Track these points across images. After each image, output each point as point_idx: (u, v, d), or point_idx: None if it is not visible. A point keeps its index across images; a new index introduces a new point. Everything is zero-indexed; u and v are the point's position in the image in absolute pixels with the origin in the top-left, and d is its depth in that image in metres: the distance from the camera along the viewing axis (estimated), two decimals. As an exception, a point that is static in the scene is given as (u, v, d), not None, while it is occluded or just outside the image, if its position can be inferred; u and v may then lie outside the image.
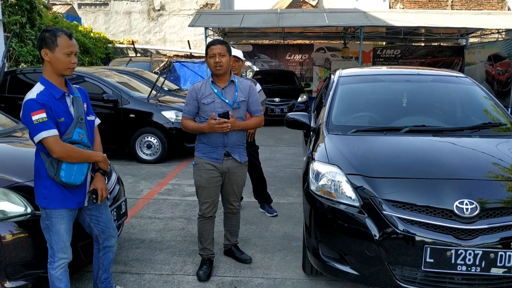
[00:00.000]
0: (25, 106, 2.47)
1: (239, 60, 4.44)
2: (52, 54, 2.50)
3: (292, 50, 16.33)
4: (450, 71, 4.96)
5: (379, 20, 12.65)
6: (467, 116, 4.01)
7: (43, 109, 2.44)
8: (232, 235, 3.77)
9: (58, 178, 2.54)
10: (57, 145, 2.48)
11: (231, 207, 3.62)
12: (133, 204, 5.14)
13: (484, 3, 19.64)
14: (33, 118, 2.42)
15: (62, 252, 2.66)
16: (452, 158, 3.05)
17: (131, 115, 7.28)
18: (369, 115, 3.98)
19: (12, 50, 9.64)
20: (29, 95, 2.50)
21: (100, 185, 2.72)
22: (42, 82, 2.55)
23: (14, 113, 5.26)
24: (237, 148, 3.42)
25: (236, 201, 3.61)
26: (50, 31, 2.54)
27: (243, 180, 3.58)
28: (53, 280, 2.67)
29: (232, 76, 3.40)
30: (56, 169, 2.53)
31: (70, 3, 18.62)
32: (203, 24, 12.89)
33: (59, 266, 2.66)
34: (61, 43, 2.50)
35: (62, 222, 2.62)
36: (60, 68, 2.54)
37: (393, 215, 2.69)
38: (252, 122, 3.50)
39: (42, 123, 2.43)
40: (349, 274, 2.84)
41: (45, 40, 2.50)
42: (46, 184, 2.58)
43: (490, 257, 2.57)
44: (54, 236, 2.62)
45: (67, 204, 2.62)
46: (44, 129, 2.45)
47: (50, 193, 2.57)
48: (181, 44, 18.59)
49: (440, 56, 15.92)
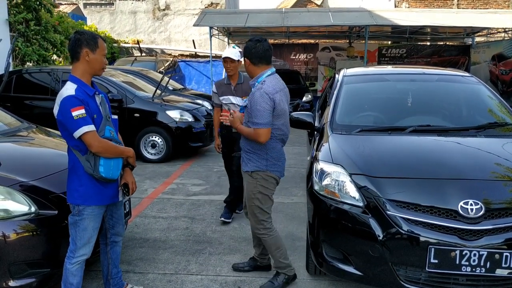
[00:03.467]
0: (64, 102, 2.50)
1: (234, 61, 4.40)
2: (93, 55, 2.61)
3: (297, 50, 16.29)
4: (455, 71, 4.93)
5: (384, 19, 12.59)
6: (473, 116, 3.98)
7: (82, 105, 2.51)
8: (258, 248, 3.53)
9: (98, 174, 2.59)
10: (96, 140, 2.55)
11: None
12: (137, 203, 5.15)
13: (491, 2, 19.49)
14: (73, 113, 2.48)
15: (84, 249, 2.70)
16: (457, 158, 3.03)
17: (136, 115, 7.30)
18: (374, 115, 3.96)
19: (18, 49, 9.68)
20: (65, 92, 2.54)
21: (131, 179, 2.87)
22: (75, 81, 2.60)
23: (19, 113, 5.30)
24: (245, 154, 3.22)
25: (250, 221, 3.32)
26: (87, 33, 2.64)
27: (247, 191, 3.21)
28: (67, 274, 2.70)
29: (253, 80, 3.17)
30: (93, 166, 2.59)
31: (75, 3, 18.69)
32: (208, 23, 12.89)
33: (77, 261, 2.71)
34: (101, 45, 2.64)
35: (92, 219, 2.68)
36: (97, 68, 2.66)
37: (397, 215, 2.68)
38: (244, 130, 3.11)
39: (81, 118, 2.50)
40: (353, 275, 2.83)
41: (87, 42, 2.59)
42: (83, 181, 2.62)
43: (495, 258, 2.54)
44: (80, 232, 2.66)
45: (102, 200, 2.70)
46: (84, 124, 2.50)
47: (87, 190, 2.62)
48: (186, 43, 18.62)
49: (446, 56, 15.83)
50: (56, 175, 3.14)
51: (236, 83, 4.56)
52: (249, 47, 3.12)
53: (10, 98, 7.56)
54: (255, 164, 3.13)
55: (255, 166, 3.13)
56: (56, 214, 2.89)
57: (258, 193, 3.15)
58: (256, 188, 3.14)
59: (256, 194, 3.15)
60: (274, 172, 3.17)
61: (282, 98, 3.11)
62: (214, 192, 5.75)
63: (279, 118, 3.10)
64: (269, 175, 3.14)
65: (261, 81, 3.06)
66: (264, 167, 3.12)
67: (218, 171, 6.79)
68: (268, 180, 3.15)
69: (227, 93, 4.56)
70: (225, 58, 4.40)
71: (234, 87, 4.55)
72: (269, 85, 3.04)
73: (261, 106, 2.97)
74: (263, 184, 3.14)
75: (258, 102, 2.98)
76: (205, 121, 7.74)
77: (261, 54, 3.09)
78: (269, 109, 2.99)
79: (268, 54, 3.12)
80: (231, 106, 4.51)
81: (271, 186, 3.19)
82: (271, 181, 3.17)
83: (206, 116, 7.98)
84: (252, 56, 3.10)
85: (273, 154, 3.14)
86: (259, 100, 2.98)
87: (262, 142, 3.02)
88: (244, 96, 4.59)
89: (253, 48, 3.09)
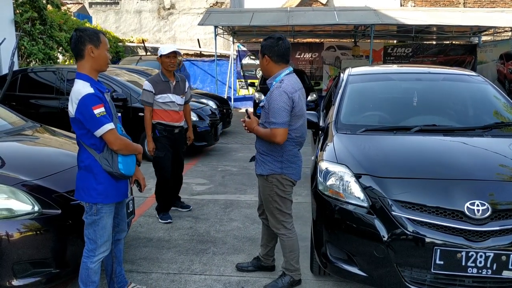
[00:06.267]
0: (84, 100, 2.47)
1: (177, 56, 4.41)
2: (98, 50, 2.59)
3: (302, 49, 16.25)
4: (461, 70, 4.89)
5: (390, 18, 12.54)
6: (479, 115, 3.93)
7: (102, 103, 2.51)
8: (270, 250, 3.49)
9: (118, 171, 2.60)
10: (117, 137, 2.56)
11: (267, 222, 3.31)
12: (141, 203, 5.15)
13: (498, 1, 19.36)
14: (95, 111, 2.47)
15: (105, 246, 2.72)
16: (463, 158, 2.99)
17: (141, 114, 7.27)
18: (379, 114, 3.93)
19: (24, 48, 9.72)
20: (83, 90, 2.50)
21: (141, 175, 2.92)
22: (86, 79, 2.57)
23: (24, 112, 5.32)
24: (259, 156, 3.14)
25: (269, 220, 3.22)
26: (88, 29, 2.63)
27: (264, 194, 3.15)
28: (90, 274, 2.70)
29: (270, 79, 3.08)
30: (111, 163, 2.59)
31: (81, 2, 18.75)
32: (212, 22, 12.90)
33: (98, 260, 2.72)
34: (103, 40, 2.63)
35: (109, 216, 2.70)
36: (102, 63, 2.64)
37: (403, 216, 2.65)
38: (260, 131, 3.03)
39: (103, 116, 2.50)
40: (357, 275, 2.81)
41: (90, 38, 2.56)
42: (100, 180, 2.61)
43: (502, 259, 2.51)
44: (100, 230, 2.67)
45: (118, 197, 2.73)
46: (107, 122, 2.51)
47: (105, 188, 2.62)
48: (191, 42, 18.63)
49: (452, 55, 15.74)
50: (60, 174, 3.13)
51: (175, 80, 4.46)
52: (271, 44, 3.01)
53: (15, 97, 7.58)
54: (270, 167, 3.06)
55: (270, 169, 3.06)
56: (60, 214, 2.88)
57: (276, 195, 3.09)
58: (273, 191, 3.08)
59: (274, 197, 3.09)
60: (290, 175, 3.09)
61: (300, 97, 3.04)
62: (218, 191, 5.74)
63: (298, 119, 3.02)
64: (284, 178, 3.07)
65: (279, 80, 2.99)
66: (279, 169, 3.04)
67: (223, 171, 6.78)
68: (284, 183, 3.08)
69: (166, 91, 4.40)
70: (170, 53, 4.31)
71: (174, 85, 4.44)
72: (288, 84, 2.96)
73: (279, 105, 2.88)
74: (279, 187, 3.08)
75: (277, 101, 2.89)
76: (210, 121, 7.72)
77: (282, 52, 3.01)
78: (288, 109, 2.91)
79: (288, 52, 3.05)
80: (171, 105, 4.42)
81: (288, 188, 3.12)
82: (287, 183, 3.10)
83: (211, 115, 7.97)
84: (273, 54, 3.00)
85: (288, 157, 3.06)
86: (277, 99, 2.89)
87: (279, 142, 2.93)
88: (182, 95, 4.56)
89: (276, 45, 2.99)
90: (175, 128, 4.54)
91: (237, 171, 6.81)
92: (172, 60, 4.36)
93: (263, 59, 3.05)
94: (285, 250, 3.19)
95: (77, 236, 2.87)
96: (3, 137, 3.63)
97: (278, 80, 3.00)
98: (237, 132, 10.49)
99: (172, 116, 4.48)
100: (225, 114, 9.78)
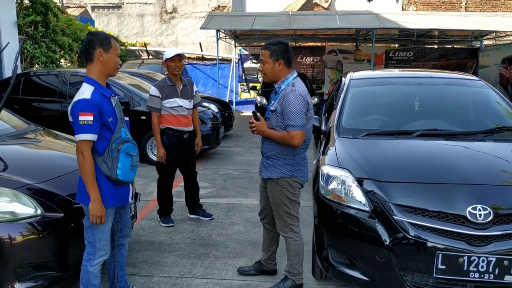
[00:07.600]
0: (76, 104, 2.51)
1: (182, 59, 4.36)
2: (107, 55, 2.61)
3: (304, 53, 16.29)
4: (463, 74, 4.89)
5: (391, 22, 12.56)
6: (481, 120, 3.94)
7: (92, 112, 2.49)
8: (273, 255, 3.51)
9: (115, 176, 2.60)
10: (87, 151, 2.52)
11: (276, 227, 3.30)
12: (143, 206, 5.16)
13: (499, 5, 19.37)
14: (80, 118, 2.48)
15: (104, 250, 2.73)
16: (465, 163, 2.99)
17: (142, 117, 7.31)
18: (380, 119, 3.93)
19: (27, 52, 9.76)
20: (81, 95, 2.53)
21: None
22: (92, 83, 2.60)
23: (27, 115, 5.33)
24: (267, 159, 3.13)
25: (277, 223, 3.23)
26: (100, 34, 2.64)
27: (273, 198, 3.13)
28: (90, 277, 2.71)
29: (279, 83, 3.08)
30: (110, 168, 2.59)
31: (83, 6, 18.83)
32: (214, 26, 12.93)
33: (98, 263, 2.72)
34: (114, 45, 2.64)
35: (108, 221, 2.70)
36: (111, 68, 2.66)
37: (404, 220, 2.65)
38: (274, 134, 3.00)
39: (86, 125, 2.48)
40: (359, 280, 2.80)
41: (100, 42, 2.58)
42: (100, 184, 2.61)
43: (504, 264, 2.51)
44: (98, 234, 2.67)
45: (117, 201, 2.72)
46: (85, 132, 2.49)
47: (104, 192, 2.62)
48: (193, 46, 18.69)
49: (453, 59, 15.75)
50: (63, 178, 3.14)
51: (182, 84, 4.42)
52: (285, 49, 3.05)
53: (18, 100, 7.61)
54: (280, 170, 3.06)
55: (281, 173, 3.06)
56: (62, 217, 2.89)
57: (286, 198, 3.09)
58: (283, 195, 3.09)
59: (284, 200, 3.10)
60: (300, 178, 3.11)
61: (311, 100, 3.10)
62: (220, 195, 5.74)
63: (308, 122, 3.07)
64: (295, 180, 3.08)
65: (289, 84, 3.01)
66: (290, 172, 3.06)
67: (224, 174, 6.78)
68: (294, 185, 3.09)
69: (173, 96, 4.34)
70: (174, 56, 4.25)
71: (181, 89, 4.40)
72: (301, 87, 3.01)
73: (296, 108, 2.90)
74: (289, 190, 3.08)
75: (294, 103, 2.91)
76: (212, 124, 7.73)
77: (291, 57, 3.11)
78: (304, 111, 2.95)
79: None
80: (179, 109, 4.37)
81: (297, 191, 3.14)
82: (297, 186, 3.12)
83: (212, 118, 7.98)
84: (287, 59, 3.06)
85: (298, 160, 3.07)
86: (294, 101, 2.91)
87: (297, 145, 2.95)
88: (190, 98, 4.50)
89: (289, 50, 3.07)
90: (184, 133, 4.48)
91: (238, 174, 6.82)
92: (177, 64, 4.31)
93: (276, 63, 3.04)
94: (290, 253, 3.19)
95: (79, 239, 2.86)
96: (6, 141, 3.64)
97: (287, 83, 3.03)
98: (239, 136, 10.50)
99: (181, 121, 4.42)
100: (227, 118, 9.80)
